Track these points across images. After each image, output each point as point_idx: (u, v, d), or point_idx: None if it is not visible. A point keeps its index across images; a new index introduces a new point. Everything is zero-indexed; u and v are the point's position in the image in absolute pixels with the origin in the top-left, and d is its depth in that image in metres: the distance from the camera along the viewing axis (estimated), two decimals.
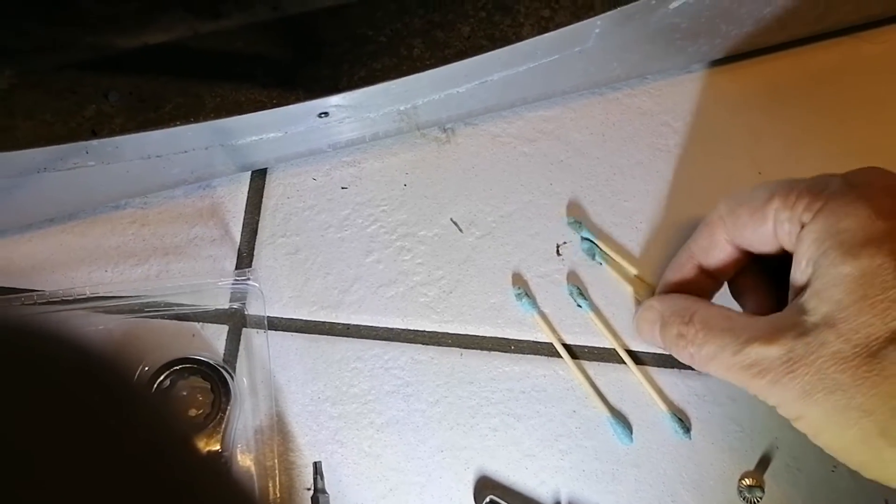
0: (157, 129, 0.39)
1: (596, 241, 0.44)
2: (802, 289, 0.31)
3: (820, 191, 0.31)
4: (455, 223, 0.45)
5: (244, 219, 0.45)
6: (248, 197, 0.45)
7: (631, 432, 0.42)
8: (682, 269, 0.39)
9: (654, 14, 0.40)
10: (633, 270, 0.44)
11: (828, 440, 0.30)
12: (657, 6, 0.39)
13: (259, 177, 0.46)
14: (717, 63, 0.48)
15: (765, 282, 0.38)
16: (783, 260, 0.34)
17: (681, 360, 0.36)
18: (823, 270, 0.29)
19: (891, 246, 0.28)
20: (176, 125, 0.41)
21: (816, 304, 0.29)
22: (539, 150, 0.47)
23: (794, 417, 0.31)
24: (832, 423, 0.29)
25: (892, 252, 0.28)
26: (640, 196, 0.45)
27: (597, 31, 0.40)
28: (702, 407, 0.42)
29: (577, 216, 0.45)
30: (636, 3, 0.38)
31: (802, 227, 0.31)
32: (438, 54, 0.44)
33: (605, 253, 0.44)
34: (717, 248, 0.37)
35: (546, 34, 0.38)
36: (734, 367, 0.32)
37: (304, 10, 0.46)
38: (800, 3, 0.43)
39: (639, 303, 0.43)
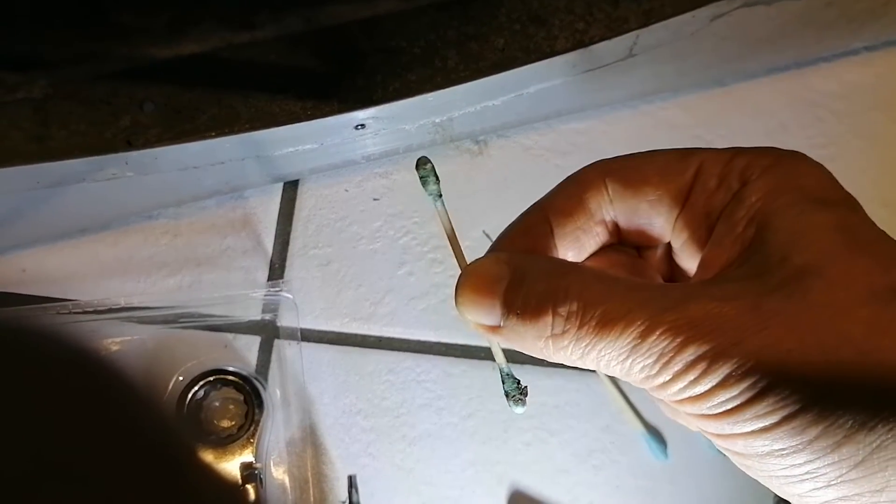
0: (194, 139, 0.39)
1: None
2: (742, 253, 0.24)
3: (763, 152, 0.25)
4: (487, 235, 0.45)
5: (276, 230, 0.45)
6: (280, 208, 0.45)
7: (666, 448, 0.41)
8: (528, 233, 0.27)
9: (691, 29, 0.40)
10: None
11: None
12: (696, 22, 0.39)
13: (291, 188, 0.46)
14: (750, 76, 0.48)
15: (630, 269, 0.28)
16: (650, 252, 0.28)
17: (533, 346, 0.24)
18: (787, 222, 0.23)
19: (861, 212, 0.23)
20: (211, 136, 0.41)
21: (784, 256, 0.22)
22: (572, 162, 0.46)
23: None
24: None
25: (864, 216, 0.23)
26: None
27: (635, 44, 0.40)
28: None
29: None
30: (675, 18, 0.38)
31: (743, 185, 0.24)
32: (472, 66, 0.44)
33: None
34: (580, 213, 0.27)
35: (585, 48, 0.38)
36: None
37: (337, 22, 0.46)
38: (836, 18, 0.43)
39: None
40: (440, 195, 0.27)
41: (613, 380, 0.42)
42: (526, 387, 0.27)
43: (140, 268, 0.44)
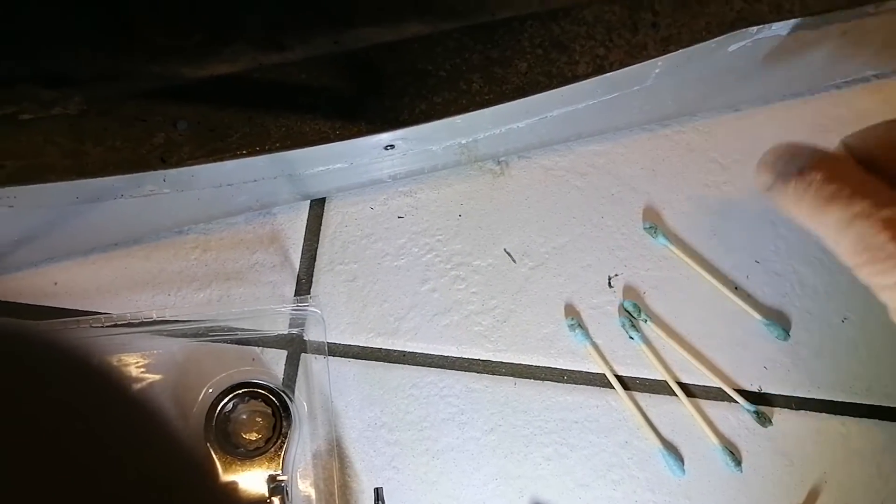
0: (226, 158, 0.40)
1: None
2: None
3: None
4: (508, 254, 0.46)
5: (303, 246, 0.46)
6: (307, 224, 0.47)
7: (683, 464, 0.42)
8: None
9: (713, 55, 0.41)
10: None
11: None
12: (717, 48, 0.41)
13: (318, 205, 0.47)
14: (764, 102, 0.49)
15: None
16: None
17: (785, 195, 0.33)
18: None
19: None
20: (243, 154, 0.43)
21: None
22: (591, 183, 0.48)
23: None
24: None
25: None
26: (689, 231, 0.46)
27: (657, 70, 0.41)
28: (752, 440, 0.43)
29: (629, 249, 0.46)
30: (697, 45, 0.39)
31: None
32: (496, 89, 0.45)
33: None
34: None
35: (610, 73, 0.40)
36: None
37: (364, 45, 0.47)
38: (849, 47, 0.44)
39: None
40: None
41: (632, 396, 0.43)
42: None
43: (170, 282, 0.45)
